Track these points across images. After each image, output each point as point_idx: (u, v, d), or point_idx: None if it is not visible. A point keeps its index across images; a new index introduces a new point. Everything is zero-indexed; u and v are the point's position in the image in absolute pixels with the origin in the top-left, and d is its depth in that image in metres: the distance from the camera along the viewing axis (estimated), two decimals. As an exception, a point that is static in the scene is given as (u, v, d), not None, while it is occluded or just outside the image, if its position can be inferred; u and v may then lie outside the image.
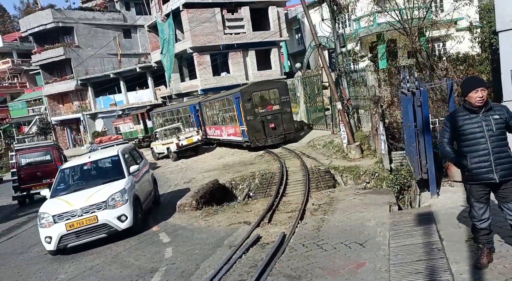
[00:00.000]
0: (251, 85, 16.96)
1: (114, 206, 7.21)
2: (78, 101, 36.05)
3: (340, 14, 12.07)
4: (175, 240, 6.74)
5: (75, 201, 7.29)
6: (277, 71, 28.41)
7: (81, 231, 7.01)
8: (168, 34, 26.47)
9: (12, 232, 9.81)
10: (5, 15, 51.89)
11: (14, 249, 8.13)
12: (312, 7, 15.40)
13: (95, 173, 8.74)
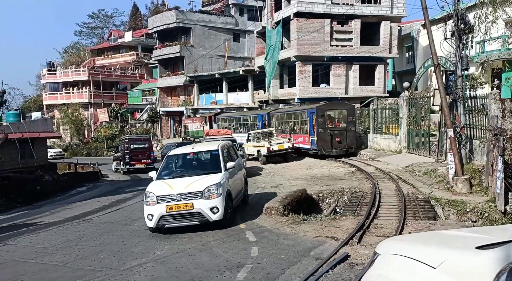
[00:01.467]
0: (325, 105, 19.78)
1: (209, 197, 7.58)
2: (184, 96, 39.15)
3: (468, 33, 11.04)
4: (261, 241, 6.82)
5: (176, 186, 7.84)
6: (379, 88, 27.24)
7: (178, 214, 7.51)
8: (275, 41, 27.21)
9: (119, 205, 11.03)
10: (137, 14, 58.92)
11: (120, 220, 9.10)
12: (434, 23, 14.38)
13: (195, 163, 9.30)
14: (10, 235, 8.38)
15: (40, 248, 7.05)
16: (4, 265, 6.22)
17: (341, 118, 19.11)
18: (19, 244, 7.53)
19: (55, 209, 11.23)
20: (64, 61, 55.25)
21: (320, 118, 18.41)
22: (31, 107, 49.77)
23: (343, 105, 19.99)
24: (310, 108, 19.80)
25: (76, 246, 7.02)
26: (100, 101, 44.79)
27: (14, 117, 21.30)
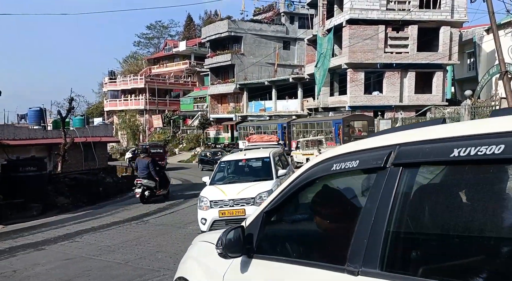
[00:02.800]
0: (350, 116, 22.97)
1: (260, 204, 7.61)
2: (233, 103, 39.92)
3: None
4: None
5: (228, 191, 7.98)
6: (437, 96, 25.92)
7: (230, 220, 7.62)
8: (326, 48, 26.94)
9: (173, 208, 11.46)
10: (191, 24, 61.33)
11: (175, 222, 9.45)
12: (500, 28, 13.48)
13: (247, 170, 9.42)
14: (78, 232, 9.02)
15: (104, 246, 7.50)
16: (73, 260, 6.70)
17: (362, 128, 22.07)
18: (85, 241, 8.06)
19: (115, 210, 11.90)
20: (123, 70, 58.76)
21: (345, 128, 21.15)
22: (93, 113, 53.37)
23: (364, 117, 23.35)
24: (335, 118, 23.04)
25: (136, 246, 7.37)
26: (155, 108, 46.95)
27: (80, 123, 23.00)
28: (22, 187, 11.53)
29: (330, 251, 1.78)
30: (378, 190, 1.52)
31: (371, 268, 1.43)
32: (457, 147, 1.30)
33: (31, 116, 22.23)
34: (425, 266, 1.35)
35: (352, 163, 1.67)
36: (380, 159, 1.54)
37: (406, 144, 1.50)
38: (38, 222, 10.64)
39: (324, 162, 1.84)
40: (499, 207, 1.28)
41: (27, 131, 20.03)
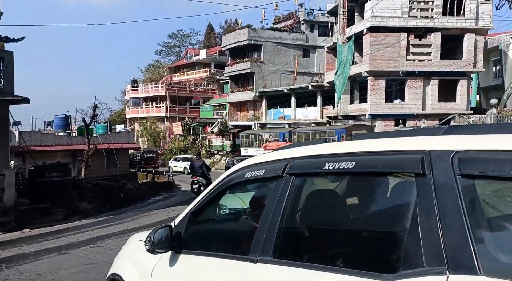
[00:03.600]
0: (352, 126, 25.26)
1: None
2: (252, 110, 40.06)
3: None
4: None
5: (247, 199, 7.98)
6: (462, 105, 25.29)
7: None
8: (346, 56, 26.79)
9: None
10: (211, 33, 62.24)
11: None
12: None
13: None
14: (100, 237, 9.18)
15: (125, 251, 7.60)
16: (95, 265, 6.81)
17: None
18: (107, 246, 8.19)
19: (136, 216, 12.07)
20: (145, 78, 60.02)
21: (348, 137, 22.36)
22: (116, 120, 54.57)
23: (364, 127, 25.25)
24: (338, 128, 25.54)
25: (156, 252, 7.43)
26: (175, 115, 47.64)
27: (103, 130, 23.57)
28: (47, 192, 11.86)
29: (240, 244, 2.13)
30: (276, 193, 1.91)
31: (267, 256, 1.81)
32: (328, 162, 1.72)
33: (57, 123, 22.94)
34: (306, 254, 1.77)
35: (259, 172, 2.06)
36: (279, 169, 1.93)
37: (297, 158, 1.91)
38: (62, 226, 10.90)
39: (239, 170, 2.22)
40: (356, 207, 1.78)
41: (53, 138, 20.66)
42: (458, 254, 1.23)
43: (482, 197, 1.32)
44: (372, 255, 1.52)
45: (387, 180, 1.59)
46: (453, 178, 1.33)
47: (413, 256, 1.33)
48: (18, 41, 11.57)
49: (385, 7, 24.60)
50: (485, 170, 1.27)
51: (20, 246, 8.58)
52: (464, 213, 1.26)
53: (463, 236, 1.24)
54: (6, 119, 11.92)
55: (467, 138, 1.44)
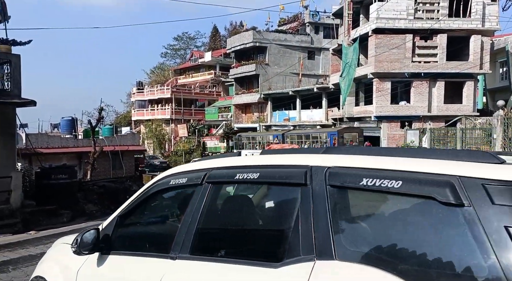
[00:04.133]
0: (343, 128, 26.73)
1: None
2: (257, 112, 40.09)
3: None
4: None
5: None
6: (468, 106, 25.11)
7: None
8: (351, 58, 26.76)
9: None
10: (216, 35, 62.43)
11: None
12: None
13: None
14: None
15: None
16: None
17: (353, 138, 25.70)
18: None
19: (141, 217, 12.12)
20: (150, 80, 60.29)
21: (340, 139, 24.55)
22: (121, 122, 54.84)
23: (356, 129, 26.87)
24: (330, 131, 27.01)
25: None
26: (180, 117, 47.78)
27: (109, 132, 23.71)
28: (54, 194, 11.93)
29: (163, 244, 2.32)
30: (196, 199, 2.18)
31: (184, 254, 2.08)
32: (238, 173, 2.04)
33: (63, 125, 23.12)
34: (216, 250, 2.07)
35: (183, 179, 2.31)
36: (199, 177, 2.22)
37: (214, 168, 2.20)
38: (68, 228, 10.95)
39: (165, 178, 2.46)
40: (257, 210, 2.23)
41: (59, 140, 20.81)
42: (323, 245, 1.64)
43: (341, 202, 1.71)
44: (266, 249, 1.93)
45: (281, 188, 2.00)
46: (324, 187, 1.73)
47: (294, 248, 1.72)
48: (25, 44, 11.70)
49: (390, 9, 24.53)
50: (343, 182, 1.69)
51: (26, 248, 8.64)
52: (329, 215, 1.67)
53: (326, 232, 1.65)
54: (13, 122, 12.04)
55: (336, 157, 1.86)
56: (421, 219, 1.53)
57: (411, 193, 1.52)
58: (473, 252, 1.35)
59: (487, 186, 1.41)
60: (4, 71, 11.17)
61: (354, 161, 1.76)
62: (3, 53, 11.20)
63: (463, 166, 1.52)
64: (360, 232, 1.68)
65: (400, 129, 24.96)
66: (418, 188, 1.51)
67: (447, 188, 1.45)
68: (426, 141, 21.20)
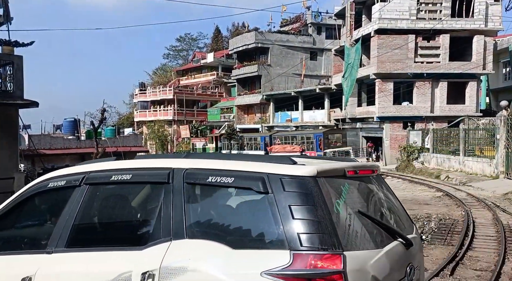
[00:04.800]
0: (328, 130, 29.06)
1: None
2: (260, 113, 40.10)
3: None
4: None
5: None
6: (471, 107, 25.01)
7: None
8: (354, 58, 26.72)
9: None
10: (219, 36, 62.50)
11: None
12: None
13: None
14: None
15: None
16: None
17: (337, 140, 28.20)
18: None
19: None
20: (153, 81, 60.40)
21: (325, 140, 26.94)
22: (124, 123, 54.94)
23: (340, 131, 29.17)
24: (316, 132, 29.07)
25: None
26: (182, 118, 47.86)
27: (111, 133, 23.79)
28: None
29: (40, 241, 2.52)
30: (74, 199, 2.46)
31: (60, 247, 2.35)
32: (114, 175, 2.41)
33: (66, 126, 23.20)
34: (90, 241, 2.39)
35: (61, 182, 2.56)
36: (77, 180, 2.49)
37: (93, 171, 2.52)
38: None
39: (44, 181, 2.68)
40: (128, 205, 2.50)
41: (62, 141, 20.89)
42: (178, 229, 2.12)
43: (193, 195, 2.23)
44: (133, 236, 2.32)
45: (151, 186, 2.39)
46: (182, 184, 2.21)
47: (156, 233, 2.18)
48: (28, 45, 11.75)
49: (392, 9, 24.49)
50: (195, 180, 2.21)
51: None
52: (184, 205, 2.17)
53: (181, 218, 2.14)
54: (16, 123, 12.08)
55: (192, 161, 2.37)
56: (243, 203, 2.14)
57: (239, 186, 2.11)
58: (271, 224, 1.97)
59: (282, 179, 2.02)
60: (6, 73, 11.22)
61: (204, 164, 2.31)
62: (5, 54, 11.26)
63: (270, 166, 2.12)
64: (204, 216, 2.21)
65: (402, 130, 24.90)
66: (243, 182, 2.09)
67: (259, 181, 2.04)
68: (429, 141, 21.14)
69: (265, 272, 1.85)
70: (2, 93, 11.11)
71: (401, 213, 2.65)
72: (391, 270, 2.15)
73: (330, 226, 1.92)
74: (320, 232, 1.89)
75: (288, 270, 1.84)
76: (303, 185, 1.99)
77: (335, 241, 1.89)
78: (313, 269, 1.83)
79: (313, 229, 1.90)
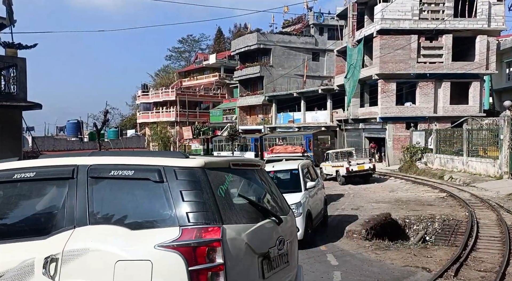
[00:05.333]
0: (318, 132, 30.11)
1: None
2: (262, 114, 40.06)
3: None
4: (344, 265, 6.55)
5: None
6: (474, 107, 24.88)
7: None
8: (356, 59, 26.64)
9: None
10: (221, 37, 62.56)
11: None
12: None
13: (275, 181, 9.29)
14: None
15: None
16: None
17: (325, 141, 29.64)
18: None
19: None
20: (155, 83, 60.52)
21: (315, 141, 28.15)
22: (127, 125, 55.08)
23: (328, 133, 30.69)
24: (306, 134, 29.98)
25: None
26: (185, 119, 47.91)
27: (114, 134, 23.86)
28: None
29: None
30: None
31: None
32: (16, 173, 2.70)
33: (69, 128, 23.29)
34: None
35: None
36: None
37: None
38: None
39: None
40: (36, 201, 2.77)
41: (65, 143, 20.98)
42: (81, 217, 2.47)
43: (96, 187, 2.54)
44: (39, 227, 2.59)
45: (55, 182, 2.67)
46: (86, 179, 2.56)
47: (60, 223, 2.50)
48: (31, 48, 11.82)
49: (395, 10, 24.43)
50: (99, 174, 2.56)
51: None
52: (87, 197, 2.51)
53: (84, 208, 2.49)
54: (19, 125, 12.14)
55: (96, 158, 2.70)
56: (142, 192, 2.50)
57: (138, 177, 2.49)
58: (166, 207, 2.39)
59: (175, 170, 2.46)
60: (10, 75, 11.28)
61: (107, 160, 2.68)
62: (9, 57, 11.32)
63: (166, 160, 2.56)
64: (106, 205, 2.51)
65: (405, 131, 24.81)
66: (142, 174, 2.49)
67: (156, 173, 2.46)
68: (432, 142, 21.06)
69: (158, 244, 2.28)
70: (6, 95, 11.17)
71: (279, 199, 3.36)
72: (262, 240, 2.74)
73: (214, 205, 2.41)
74: (205, 210, 2.37)
75: (177, 241, 2.28)
76: (192, 174, 2.46)
77: (216, 217, 2.38)
78: (198, 239, 2.30)
79: (199, 208, 2.37)
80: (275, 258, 2.85)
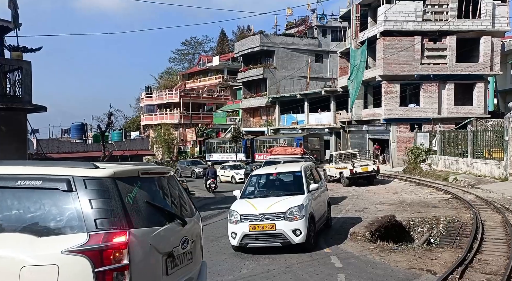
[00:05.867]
0: (308, 134, 31.30)
1: (291, 219, 7.49)
2: (265, 116, 40.08)
3: None
4: (348, 267, 6.53)
5: (259, 205, 7.87)
6: (479, 108, 24.75)
7: (260, 234, 7.54)
8: (359, 60, 26.60)
9: (206, 221, 11.48)
10: (224, 39, 62.71)
11: (207, 235, 9.40)
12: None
13: (278, 184, 9.27)
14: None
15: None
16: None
17: (315, 143, 30.59)
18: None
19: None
20: (159, 85, 60.71)
21: (305, 143, 28.62)
22: (130, 127, 55.23)
23: (317, 135, 31.68)
24: (297, 136, 31.06)
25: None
26: (188, 121, 47.99)
27: (118, 137, 23.94)
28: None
29: None
30: None
31: None
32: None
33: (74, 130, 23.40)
34: None
35: None
36: None
37: None
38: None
39: None
40: None
41: (69, 145, 21.07)
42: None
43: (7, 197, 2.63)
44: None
45: None
46: None
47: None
48: (36, 51, 11.89)
49: (398, 11, 24.39)
50: (4, 184, 2.63)
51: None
52: None
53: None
54: (24, 127, 12.21)
55: (2, 168, 2.75)
56: (51, 200, 2.59)
57: (47, 187, 2.58)
58: (75, 215, 2.53)
59: (84, 180, 2.60)
60: (15, 78, 11.36)
61: (14, 169, 2.74)
62: (14, 60, 11.41)
63: (76, 170, 2.66)
64: (12, 214, 2.60)
65: (409, 132, 24.72)
66: (50, 184, 2.59)
67: (65, 182, 2.58)
68: (436, 143, 20.96)
69: (65, 250, 2.43)
70: (11, 98, 11.25)
71: (187, 204, 3.63)
72: (167, 241, 2.96)
73: (122, 212, 2.59)
74: (112, 216, 2.55)
75: (83, 246, 2.45)
76: (101, 184, 2.61)
77: (124, 222, 2.57)
78: (104, 243, 2.48)
79: (107, 215, 2.54)
80: (179, 256, 3.11)
